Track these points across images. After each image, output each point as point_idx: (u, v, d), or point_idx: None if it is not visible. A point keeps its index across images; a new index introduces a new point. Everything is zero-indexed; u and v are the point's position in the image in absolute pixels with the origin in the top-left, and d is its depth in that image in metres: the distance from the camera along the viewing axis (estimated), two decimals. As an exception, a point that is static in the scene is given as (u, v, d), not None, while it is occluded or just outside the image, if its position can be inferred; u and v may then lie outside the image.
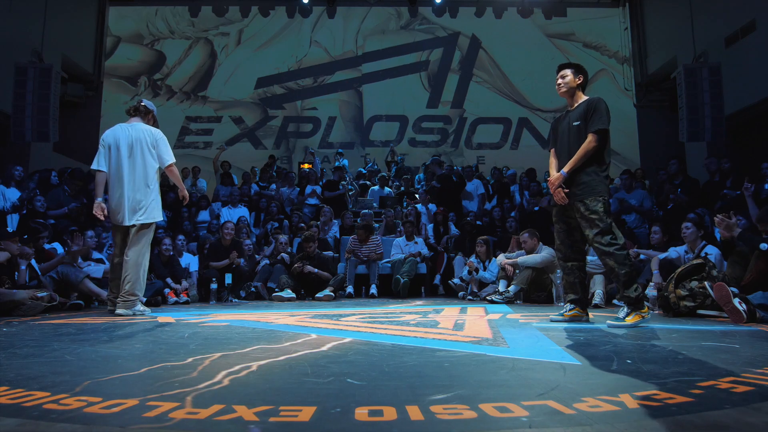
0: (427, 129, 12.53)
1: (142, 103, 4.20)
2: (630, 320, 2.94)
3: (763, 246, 3.43)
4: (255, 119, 12.45)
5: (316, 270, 6.15)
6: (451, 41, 12.72)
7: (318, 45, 12.67)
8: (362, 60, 12.66)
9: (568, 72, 3.31)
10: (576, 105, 3.28)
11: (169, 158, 4.08)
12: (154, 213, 4.02)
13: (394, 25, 12.80)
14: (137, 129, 4.04)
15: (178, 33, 12.59)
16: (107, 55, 12.21)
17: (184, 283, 5.65)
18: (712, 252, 4.33)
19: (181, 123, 12.26)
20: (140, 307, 3.92)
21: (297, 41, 12.65)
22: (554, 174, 3.24)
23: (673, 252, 4.65)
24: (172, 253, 5.83)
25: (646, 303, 3.17)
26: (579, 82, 3.30)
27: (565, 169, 3.13)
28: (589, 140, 3.07)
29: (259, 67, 12.52)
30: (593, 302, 4.70)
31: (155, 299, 5.09)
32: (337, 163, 10.65)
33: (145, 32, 12.46)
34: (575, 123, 3.19)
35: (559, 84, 3.33)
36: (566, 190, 3.14)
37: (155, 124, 4.24)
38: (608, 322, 3.05)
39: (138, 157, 3.97)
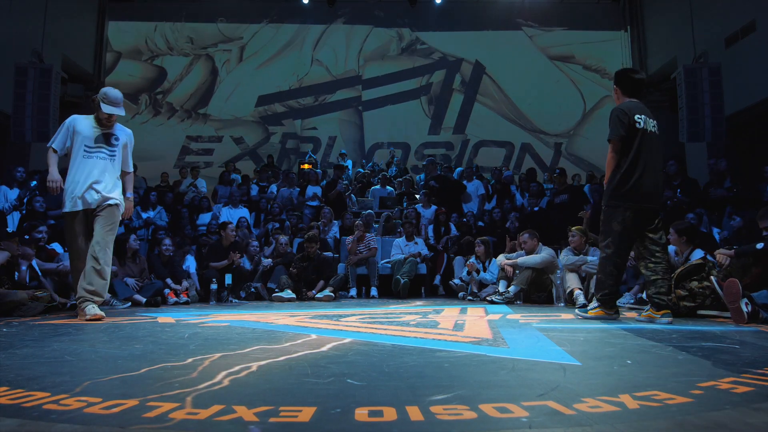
0: (430, 156, 12.29)
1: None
2: (591, 312, 3.45)
3: (759, 245, 3.48)
4: (256, 139, 12.30)
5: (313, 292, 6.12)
6: (454, 66, 12.59)
7: (319, 63, 12.57)
8: (363, 86, 12.54)
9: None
10: None
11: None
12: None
13: (395, 47, 12.63)
14: None
15: (177, 50, 12.47)
16: (107, 71, 12.13)
17: (184, 283, 5.66)
18: (698, 256, 4.33)
19: (182, 143, 12.16)
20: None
21: (298, 59, 12.54)
22: None
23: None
24: (172, 253, 5.83)
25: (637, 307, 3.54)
26: (617, 94, 3.48)
27: (605, 181, 3.42)
28: (608, 151, 3.32)
29: (260, 85, 12.40)
30: (594, 302, 4.70)
31: (155, 299, 5.09)
32: (340, 161, 10.65)
33: (144, 48, 12.33)
34: None
35: None
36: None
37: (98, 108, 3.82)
38: (576, 311, 3.56)
39: None
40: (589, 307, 3.49)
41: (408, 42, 12.70)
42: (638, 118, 3.24)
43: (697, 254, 4.31)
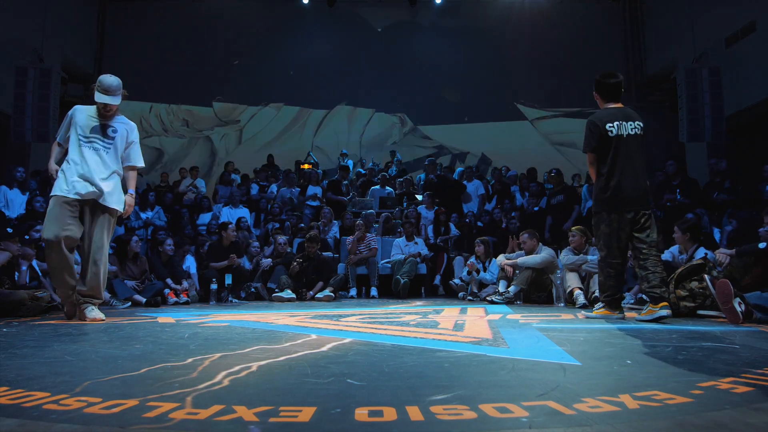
0: (430, 156, 11.94)
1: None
2: (596, 312, 3.55)
3: (762, 245, 3.49)
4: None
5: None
6: (459, 156, 12.38)
7: (320, 150, 12.25)
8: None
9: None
10: None
11: None
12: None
13: (398, 133, 12.40)
14: None
15: (172, 131, 12.21)
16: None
17: (185, 284, 5.66)
18: (702, 253, 4.35)
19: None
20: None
21: (299, 144, 12.23)
22: None
23: (668, 254, 4.66)
24: (172, 253, 5.84)
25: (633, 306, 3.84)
26: (598, 100, 3.61)
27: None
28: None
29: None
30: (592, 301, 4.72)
31: (155, 300, 5.08)
32: (342, 162, 10.64)
33: (138, 128, 11.97)
34: None
35: None
36: None
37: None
38: (583, 311, 3.68)
39: None
40: (595, 307, 3.59)
41: (410, 128, 12.49)
42: (610, 126, 3.37)
43: (702, 252, 4.33)
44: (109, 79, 3.64)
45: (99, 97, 3.59)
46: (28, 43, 9.37)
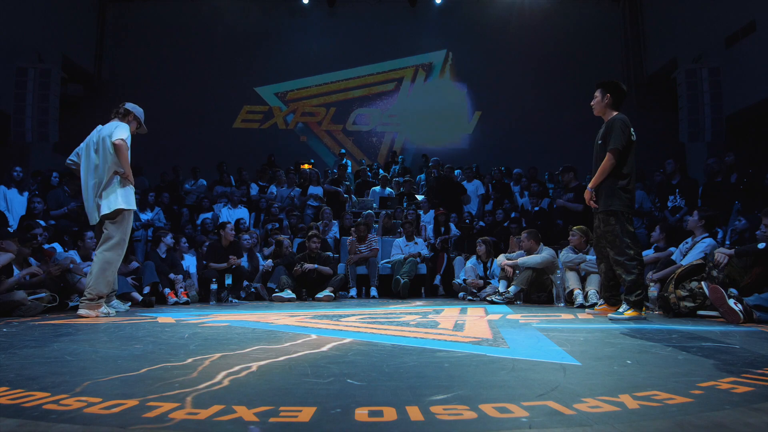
0: (434, 158, 12.15)
1: (124, 106, 4.09)
2: (627, 314, 3.39)
3: (761, 245, 3.49)
4: None
5: (315, 266, 6.14)
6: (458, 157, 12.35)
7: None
8: None
9: (597, 93, 3.63)
10: (605, 123, 3.61)
11: (120, 134, 3.83)
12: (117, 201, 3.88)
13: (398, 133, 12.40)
14: (106, 126, 4.00)
15: None
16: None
17: (185, 280, 5.67)
18: (706, 242, 4.36)
19: None
20: (105, 309, 3.82)
21: (299, 144, 12.25)
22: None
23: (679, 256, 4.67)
24: (173, 245, 5.88)
25: (647, 303, 3.71)
26: (607, 101, 3.57)
27: (590, 185, 3.58)
28: (606, 158, 3.45)
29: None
30: (589, 301, 4.74)
31: (149, 299, 5.07)
32: (340, 162, 10.63)
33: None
34: (598, 141, 3.58)
35: (592, 105, 3.69)
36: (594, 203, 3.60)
37: (139, 127, 4.14)
38: (610, 315, 3.51)
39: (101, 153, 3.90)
40: (621, 309, 3.46)
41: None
42: (633, 131, 3.50)
43: (707, 243, 4.33)
44: None
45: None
46: (28, 43, 9.36)
